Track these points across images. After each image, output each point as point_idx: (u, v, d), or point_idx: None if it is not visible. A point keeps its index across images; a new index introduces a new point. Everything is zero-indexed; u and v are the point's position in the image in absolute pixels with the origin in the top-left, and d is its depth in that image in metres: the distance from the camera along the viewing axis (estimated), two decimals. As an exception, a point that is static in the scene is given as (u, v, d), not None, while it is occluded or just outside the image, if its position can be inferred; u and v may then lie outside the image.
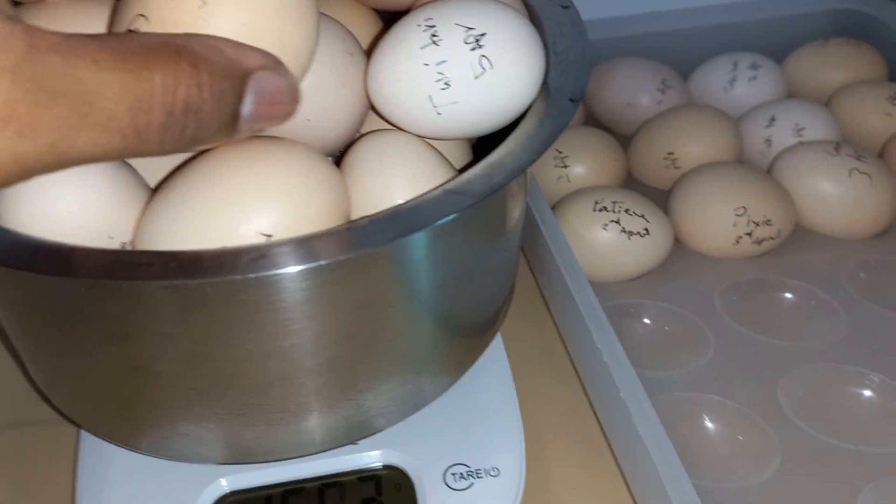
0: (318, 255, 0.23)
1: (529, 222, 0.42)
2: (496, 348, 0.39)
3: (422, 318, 0.30)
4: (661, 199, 0.46)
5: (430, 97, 0.28)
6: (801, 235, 0.45)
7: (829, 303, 0.41)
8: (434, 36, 0.27)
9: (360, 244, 0.24)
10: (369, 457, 0.34)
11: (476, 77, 0.27)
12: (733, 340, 0.39)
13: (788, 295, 0.42)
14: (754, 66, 0.54)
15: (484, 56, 0.27)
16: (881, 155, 0.49)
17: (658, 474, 0.30)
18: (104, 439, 0.33)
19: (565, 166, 0.47)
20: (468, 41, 0.27)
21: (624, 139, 0.52)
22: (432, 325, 0.30)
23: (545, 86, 0.29)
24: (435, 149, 0.30)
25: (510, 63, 0.27)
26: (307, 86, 0.27)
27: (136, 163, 0.29)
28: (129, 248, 0.26)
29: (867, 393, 0.37)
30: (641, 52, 0.56)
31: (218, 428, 0.29)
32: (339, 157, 0.31)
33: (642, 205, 0.43)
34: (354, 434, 0.32)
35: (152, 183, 0.29)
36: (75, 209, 0.25)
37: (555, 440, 0.37)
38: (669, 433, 0.31)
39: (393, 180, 0.28)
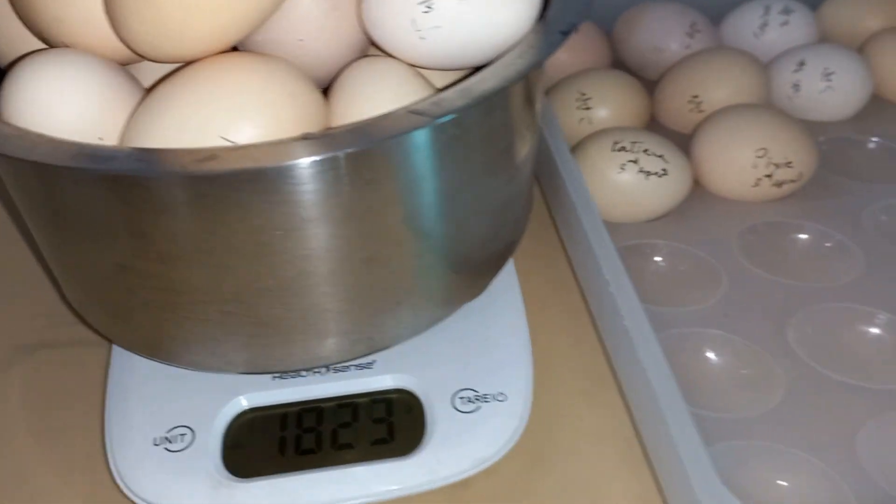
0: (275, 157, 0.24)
1: (548, 161, 0.42)
2: (509, 278, 0.39)
3: (425, 232, 0.30)
4: (684, 143, 0.46)
5: (413, 20, 0.28)
6: (821, 179, 0.45)
7: (847, 244, 0.41)
8: None
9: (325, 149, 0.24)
10: (382, 380, 0.36)
11: (459, 1, 0.27)
12: (746, 280, 0.40)
13: (805, 236, 0.42)
14: (786, 11, 0.54)
15: None
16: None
17: (657, 401, 0.31)
18: (131, 350, 0.35)
19: (588, 108, 0.47)
20: None
21: (650, 84, 0.52)
22: (438, 239, 0.31)
23: (543, 19, 0.29)
24: (422, 76, 0.30)
25: None
26: (298, 7, 0.28)
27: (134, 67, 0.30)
28: None
29: (875, 331, 0.37)
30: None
31: (233, 334, 0.30)
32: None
33: (662, 145, 0.43)
34: (363, 348, 0.33)
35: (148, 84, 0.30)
36: (71, 111, 0.27)
37: (561, 369, 0.38)
38: (673, 365, 0.32)
39: (370, 103, 0.28)
